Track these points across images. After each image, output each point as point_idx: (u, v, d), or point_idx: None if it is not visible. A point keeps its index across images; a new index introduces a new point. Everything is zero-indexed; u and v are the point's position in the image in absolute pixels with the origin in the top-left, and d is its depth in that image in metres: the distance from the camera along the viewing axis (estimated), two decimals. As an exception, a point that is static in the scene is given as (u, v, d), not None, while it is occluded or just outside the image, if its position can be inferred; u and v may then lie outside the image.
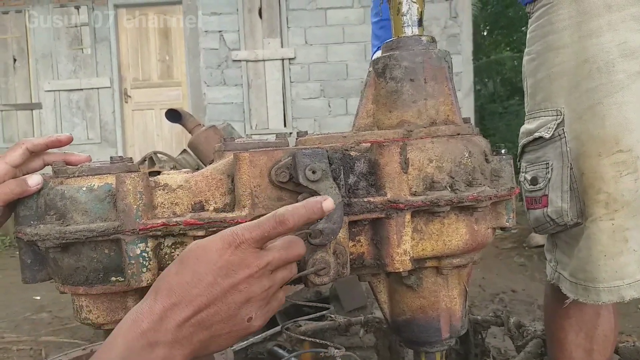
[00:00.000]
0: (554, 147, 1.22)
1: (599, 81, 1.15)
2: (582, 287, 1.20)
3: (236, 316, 0.56)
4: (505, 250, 4.73)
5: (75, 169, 0.73)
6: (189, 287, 0.55)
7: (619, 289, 1.15)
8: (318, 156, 0.68)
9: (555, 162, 1.22)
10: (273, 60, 7.28)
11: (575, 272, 1.22)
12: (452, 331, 0.85)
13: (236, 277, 0.55)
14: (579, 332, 1.26)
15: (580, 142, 1.18)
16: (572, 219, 1.20)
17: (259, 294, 0.57)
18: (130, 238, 0.68)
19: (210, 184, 0.74)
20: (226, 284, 0.55)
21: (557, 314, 1.29)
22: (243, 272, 0.55)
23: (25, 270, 0.77)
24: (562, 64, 1.21)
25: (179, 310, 0.54)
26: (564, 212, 1.20)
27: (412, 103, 0.83)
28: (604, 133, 1.15)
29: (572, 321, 1.26)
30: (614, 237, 1.15)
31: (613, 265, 1.15)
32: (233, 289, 0.55)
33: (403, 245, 0.75)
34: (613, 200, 1.15)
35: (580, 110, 1.18)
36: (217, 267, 0.55)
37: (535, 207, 1.25)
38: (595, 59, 1.16)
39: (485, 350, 1.81)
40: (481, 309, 3.03)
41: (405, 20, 0.88)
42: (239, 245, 0.56)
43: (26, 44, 7.47)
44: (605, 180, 1.15)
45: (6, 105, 7.51)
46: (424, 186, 0.76)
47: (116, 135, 7.47)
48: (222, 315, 0.56)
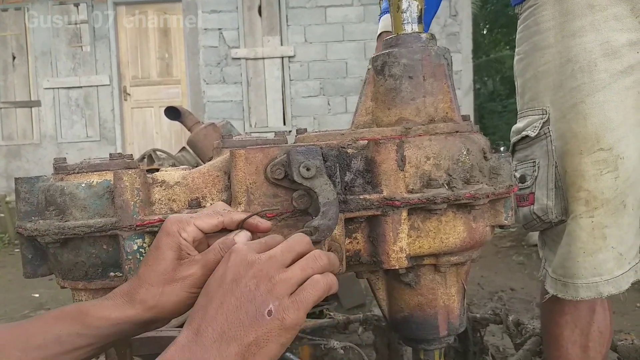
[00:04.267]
0: (540, 145, 1.25)
1: (581, 80, 1.17)
2: (561, 282, 1.23)
3: (254, 315, 0.53)
4: (504, 249, 4.74)
5: (75, 166, 0.74)
6: (206, 306, 0.54)
7: (597, 285, 1.18)
8: (312, 153, 0.68)
9: (541, 160, 1.24)
10: (272, 58, 7.28)
11: (555, 269, 1.25)
12: (451, 329, 0.85)
13: (241, 275, 0.54)
14: (574, 329, 1.27)
15: (564, 141, 1.20)
16: (556, 216, 1.22)
17: (272, 286, 0.54)
18: (128, 234, 0.69)
19: (207, 180, 0.74)
20: (235, 286, 0.54)
21: (553, 311, 1.31)
22: (246, 269, 0.55)
23: (27, 265, 0.77)
24: (547, 64, 1.23)
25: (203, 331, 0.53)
26: (548, 210, 1.22)
27: (411, 100, 0.83)
28: (586, 131, 1.17)
29: (567, 318, 1.28)
30: (593, 234, 1.17)
31: (592, 261, 1.17)
32: (243, 288, 0.54)
33: (399, 243, 0.75)
34: (593, 197, 1.17)
35: (564, 109, 1.20)
36: (223, 276, 0.55)
37: (523, 205, 1.27)
38: (578, 59, 1.18)
39: (483, 348, 1.81)
40: (480, 307, 3.03)
41: (405, 18, 0.88)
42: (236, 250, 0.57)
43: (25, 42, 7.47)
44: (586, 178, 1.17)
45: (5, 103, 7.51)
46: (421, 184, 0.76)
47: (115, 133, 7.48)
48: (241, 319, 0.53)
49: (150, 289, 0.61)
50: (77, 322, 0.60)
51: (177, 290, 0.62)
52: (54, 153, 7.32)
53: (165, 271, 0.62)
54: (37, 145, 7.54)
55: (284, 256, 0.56)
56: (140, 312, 0.61)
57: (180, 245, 0.62)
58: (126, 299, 0.62)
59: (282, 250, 0.57)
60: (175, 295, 0.62)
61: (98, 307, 0.61)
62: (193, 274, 0.62)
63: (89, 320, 0.60)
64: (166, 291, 0.61)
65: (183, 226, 0.63)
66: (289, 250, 0.57)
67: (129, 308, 0.61)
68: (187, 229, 0.63)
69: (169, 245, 0.62)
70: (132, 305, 0.61)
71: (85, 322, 0.60)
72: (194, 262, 0.62)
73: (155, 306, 0.61)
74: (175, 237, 0.62)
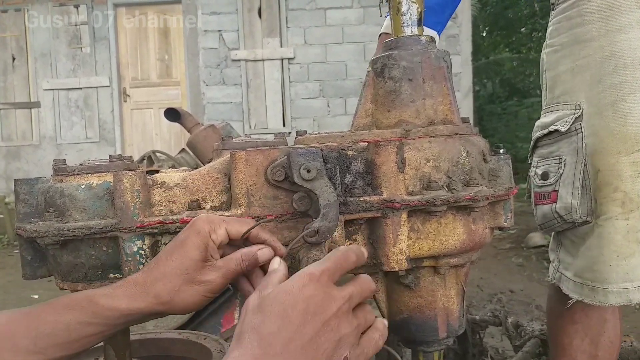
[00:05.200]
0: (569, 142, 1.19)
1: (624, 77, 1.13)
2: (588, 287, 1.17)
3: (332, 357, 0.51)
4: (504, 251, 4.74)
5: (75, 167, 0.74)
6: (280, 333, 0.50)
7: (627, 291, 1.13)
8: (313, 155, 0.68)
9: (569, 157, 1.19)
10: (272, 60, 7.29)
11: (581, 272, 1.19)
12: (450, 331, 0.85)
13: (325, 312, 0.51)
14: (585, 338, 1.22)
15: (598, 139, 1.15)
16: (581, 216, 1.16)
17: (350, 331, 0.53)
18: (128, 235, 0.69)
19: (207, 182, 0.74)
20: (317, 322, 0.51)
21: (562, 319, 1.26)
22: (330, 306, 0.52)
23: (26, 267, 0.77)
24: (587, 57, 1.18)
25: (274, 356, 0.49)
26: (573, 209, 1.17)
27: (411, 103, 0.83)
28: (625, 131, 1.12)
29: (577, 327, 1.23)
30: (627, 237, 1.13)
31: (624, 266, 1.13)
32: (324, 327, 0.51)
33: (399, 245, 0.75)
34: (629, 199, 1.13)
35: (601, 106, 1.16)
36: (304, 306, 0.51)
37: (544, 203, 1.22)
38: (622, 55, 1.13)
39: (483, 350, 1.81)
40: (479, 309, 3.03)
41: (405, 20, 0.88)
42: (319, 279, 0.52)
43: (25, 43, 7.47)
44: (623, 178, 1.13)
45: (5, 104, 7.51)
46: (421, 186, 0.76)
47: (115, 134, 7.48)
48: (318, 357, 0.50)
49: (168, 284, 0.61)
50: (87, 311, 0.60)
51: (194, 291, 0.61)
52: (53, 154, 7.32)
53: (187, 270, 0.61)
54: (36, 146, 7.54)
55: (357, 298, 0.55)
56: (152, 305, 0.61)
57: (208, 246, 0.61)
58: (139, 289, 0.61)
59: (357, 291, 0.55)
60: (190, 296, 0.61)
61: (108, 297, 0.61)
62: (213, 280, 0.61)
63: (98, 310, 0.60)
64: (183, 290, 0.61)
65: (214, 227, 0.62)
66: (361, 294, 0.56)
67: (140, 300, 0.60)
68: (218, 231, 0.62)
69: (197, 245, 0.61)
70: (144, 298, 0.60)
71: (95, 311, 0.60)
72: (217, 268, 0.62)
73: (168, 302, 0.61)
74: (205, 238, 0.61)
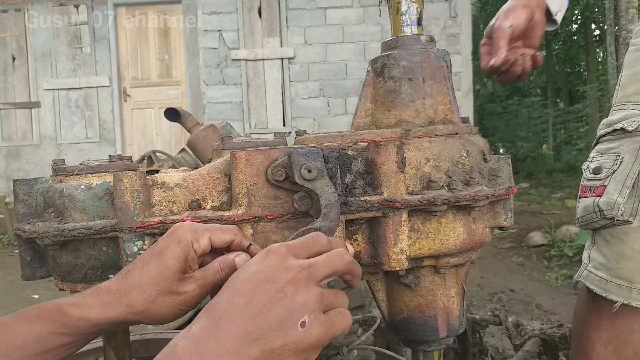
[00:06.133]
0: (632, 141, 1.18)
1: None
2: (615, 284, 1.17)
3: (287, 321, 0.49)
4: (504, 250, 4.74)
5: (74, 167, 0.74)
6: (232, 304, 0.50)
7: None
8: (314, 155, 0.68)
9: (627, 155, 1.17)
10: (272, 60, 7.29)
11: (611, 269, 1.18)
12: (450, 330, 0.85)
13: (279, 280, 0.50)
14: (608, 345, 1.21)
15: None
16: (623, 214, 1.15)
17: (308, 297, 0.50)
18: (128, 236, 0.69)
19: (208, 182, 0.74)
20: (270, 289, 0.50)
21: (587, 324, 1.25)
22: (285, 273, 0.51)
23: (25, 267, 0.77)
24: None
25: (223, 325, 0.49)
26: (616, 205, 1.15)
27: (410, 102, 0.83)
28: None
29: (602, 333, 1.21)
30: None
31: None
32: (278, 293, 0.50)
33: (400, 244, 0.75)
34: None
35: None
36: (257, 274, 0.51)
37: (588, 196, 1.20)
38: None
39: (483, 350, 1.81)
40: (479, 308, 3.03)
41: (404, 20, 0.88)
42: (277, 251, 0.52)
43: (25, 43, 7.47)
44: None
45: (5, 104, 7.51)
46: (421, 185, 0.76)
47: (115, 134, 7.48)
48: (271, 322, 0.49)
49: (142, 294, 0.58)
50: (57, 322, 0.58)
51: (170, 303, 0.59)
52: (53, 154, 7.33)
53: (164, 281, 0.58)
54: (36, 146, 7.54)
55: (323, 269, 0.53)
56: (125, 314, 0.58)
57: (188, 257, 0.59)
58: (112, 298, 0.58)
59: (323, 263, 0.53)
60: (166, 308, 0.59)
61: (78, 306, 0.58)
62: (190, 292, 0.59)
63: (68, 320, 0.58)
64: (158, 301, 0.59)
65: (198, 237, 0.60)
66: (329, 266, 0.54)
67: (112, 309, 0.58)
68: (201, 240, 0.60)
69: (176, 255, 0.59)
70: (116, 307, 0.58)
71: (65, 322, 0.58)
72: (194, 279, 0.60)
73: (142, 312, 0.59)
74: (186, 247, 0.59)
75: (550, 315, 2.85)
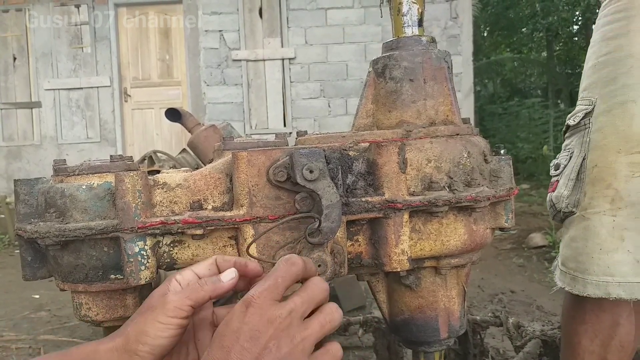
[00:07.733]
0: (579, 135, 1.24)
1: (638, 79, 1.14)
2: (570, 276, 1.22)
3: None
4: (505, 251, 4.73)
5: (75, 167, 0.74)
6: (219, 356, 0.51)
7: (607, 285, 1.16)
8: (315, 156, 0.68)
9: (576, 150, 1.23)
10: (273, 60, 7.28)
11: (566, 261, 1.23)
12: (451, 331, 0.85)
13: (262, 337, 0.52)
14: (594, 339, 1.24)
15: (602, 135, 1.18)
16: (566, 206, 1.21)
17: (294, 345, 0.52)
18: (129, 236, 0.69)
19: (209, 182, 0.74)
20: (255, 348, 0.51)
21: (573, 318, 1.28)
22: (267, 329, 0.52)
23: (26, 268, 0.77)
24: (607, 55, 1.20)
25: None
26: (561, 198, 1.22)
27: (412, 103, 0.83)
28: (630, 131, 1.14)
29: (587, 327, 1.24)
30: (612, 233, 1.15)
31: (606, 260, 1.16)
32: (263, 350, 0.51)
33: (401, 245, 0.75)
34: (619, 198, 1.15)
35: (611, 104, 1.18)
36: (240, 333, 0.52)
37: (549, 192, 1.28)
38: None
39: (484, 351, 1.81)
40: (480, 309, 3.03)
41: (406, 21, 0.88)
42: (255, 303, 0.53)
43: (26, 43, 7.47)
44: (618, 177, 1.15)
45: (6, 104, 7.52)
46: (422, 186, 0.76)
47: (116, 134, 7.48)
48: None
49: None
50: None
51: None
52: (54, 154, 7.33)
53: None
54: (37, 146, 7.54)
55: (303, 308, 0.55)
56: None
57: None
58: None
59: (302, 301, 0.55)
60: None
61: None
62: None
63: None
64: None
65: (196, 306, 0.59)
66: (309, 302, 0.55)
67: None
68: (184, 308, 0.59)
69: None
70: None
71: None
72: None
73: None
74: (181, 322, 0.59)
75: (551, 317, 2.85)
